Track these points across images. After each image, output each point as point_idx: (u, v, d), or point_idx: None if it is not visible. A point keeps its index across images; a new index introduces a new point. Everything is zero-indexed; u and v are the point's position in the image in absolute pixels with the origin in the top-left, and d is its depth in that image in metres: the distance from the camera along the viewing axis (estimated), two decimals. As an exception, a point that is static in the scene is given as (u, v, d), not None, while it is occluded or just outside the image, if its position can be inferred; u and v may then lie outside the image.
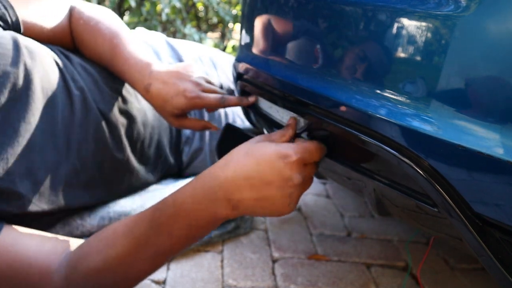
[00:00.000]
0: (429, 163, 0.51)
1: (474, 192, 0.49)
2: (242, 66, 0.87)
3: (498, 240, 0.49)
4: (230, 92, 1.37)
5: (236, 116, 1.28)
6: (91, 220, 0.93)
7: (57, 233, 0.90)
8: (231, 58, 1.45)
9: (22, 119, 0.79)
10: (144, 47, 0.97)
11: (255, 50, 0.82)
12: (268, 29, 0.77)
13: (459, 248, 0.67)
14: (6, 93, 0.78)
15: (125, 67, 0.92)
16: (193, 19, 3.07)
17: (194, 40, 2.62)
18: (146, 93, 0.89)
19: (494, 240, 0.50)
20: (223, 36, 3.02)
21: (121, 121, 0.98)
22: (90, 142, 0.91)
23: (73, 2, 0.99)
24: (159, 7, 2.58)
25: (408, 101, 0.52)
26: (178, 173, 1.21)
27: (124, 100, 1.00)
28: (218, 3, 2.76)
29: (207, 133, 1.21)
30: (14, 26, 0.85)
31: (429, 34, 0.49)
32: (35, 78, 0.83)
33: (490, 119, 0.45)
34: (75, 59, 0.94)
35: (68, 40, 0.98)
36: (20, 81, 0.81)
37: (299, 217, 1.17)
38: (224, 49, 3.02)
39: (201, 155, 1.20)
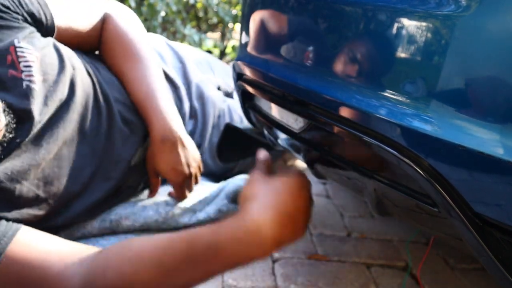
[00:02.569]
0: (429, 163, 0.51)
1: (474, 192, 0.49)
2: (242, 66, 0.87)
3: (498, 240, 0.49)
4: (227, 94, 1.39)
5: (234, 113, 1.28)
6: (92, 223, 0.93)
7: (58, 234, 0.90)
8: (225, 65, 1.49)
9: (62, 128, 0.81)
10: (164, 84, 0.99)
11: (255, 50, 0.82)
12: (268, 29, 0.77)
13: (459, 248, 0.67)
14: (57, 102, 0.81)
15: (149, 111, 0.93)
16: (193, 19, 3.07)
17: (194, 41, 2.62)
18: (159, 142, 0.91)
19: (494, 240, 0.50)
20: (223, 36, 3.01)
21: (140, 132, 1.00)
22: (113, 152, 0.92)
23: (106, 6, 1.00)
24: (157, 9, 2.58)
25: (408, 101, 0.52)
26: None
27: None
28: (217, 4, 2.75)
29: (208, 129, 1.21)
30: (49, 28, 0.86)
31: (429, 34, 0.49)
32: (77, 89, 0.85)
33: (490, 119, 0.45)
34: (102, 71, 0.95)
35: (94, 45, 0.99)
36: (66, 91, 0.83)
37: (299, 217, 1.17)
38: (224, 49, 3.02)
39: (199, 151, 1.21)
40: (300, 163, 1.53)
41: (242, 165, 1.26)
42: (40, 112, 0.78)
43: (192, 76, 1.23)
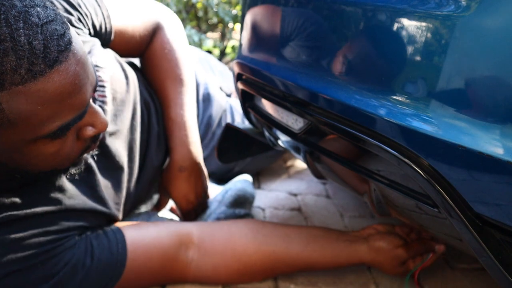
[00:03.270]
0: (429, 163, 0.51)
1: (474, 192, 0.49)
2: (242, 66, 0.87)
3: (498, 240, 0.49)
4: (227, 95, 1.39)
5: (236, 113, 1.28)
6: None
7: None
8: (223, 66, 1.50)
9: (125, 149, 0.85)
10: (196, 111, 1.04)
11: (255, 50, 0.82)
12: (268, 29, 0.77)
13: (459, 248, 0.67)
14: (124, 121, 0.84)
15: (177, 133, 0.95)
16: (193, 19, 3.07)
17: (194, 41, 2.62)
18: (176, 170, 0.94)
19: (494, 241, 0.50)
20: (223, 36, 3.01)
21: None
22: (155, 160, 0.96)
23: (157, 12, 0.99)
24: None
25: (408, 101, 0.52)
26: None
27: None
28: (217, 4, 2.75)
29: (212, 129, 1.22)
30: (107, 39, 0.87)
31: (429, 34, 0.49)
32: (137, 108, 0.88)
33: (490, 119, 0.45)
34: (145, 83, 0.97)
35: (139, 52, 0.99)
36: (131, 109, 0.86)
37: (299, 217, 1.17)
38: (224, 49, 3.01)
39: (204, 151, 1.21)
40: (300, 163, 1.53)
41: (242, 165, 1.26)
42: (110, 133, 0.81)
43: (198, 77, 1.23)
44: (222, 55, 3.02)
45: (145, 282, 0.79)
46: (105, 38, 0.86)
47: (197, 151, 0.97)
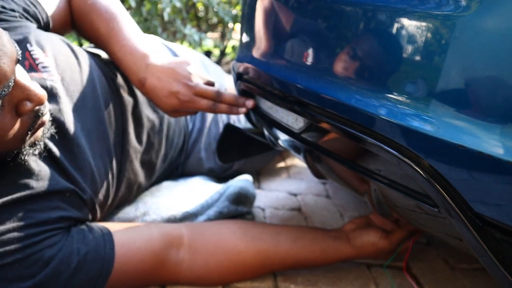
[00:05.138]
0: (429, 163, 0.51)
1: (474, 192, 0.49)
2: (242, 66, 0.87)
3: (498, 240, 0.49)
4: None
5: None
6: (130, 210, 0.97)
7: None
8: (218, 67, 1.50)
9: (96, 131, 0.83)
10: (141, 33, 0.94)
11: (255, 50, 0.82)
12: (268, 29, 0.77)
13: (459, 248, 0.67)
14: (84, 102, 0.81)
15: (120, 54, 0.89)
16: (193, 19, 3.07)
17: (194, 40, 2.62)
18: (141, 87, 0.87)
19: (494, 240, 0.50)
20: (223, 36, 3.01)
21: (151, 118, 1.00)
22: (124, 144, 0.93)
23: None
24: (160, 7, 2.58)
25: (408, 101, 0.52)
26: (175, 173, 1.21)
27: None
28: (218, 3, 2.75)
29: (206, 125, 1.22)
30: (45, 23, 0.86)
31: (429, 34, 0.49)
32: (97, 86, 0.86)
33: (490, 119, 0.45)
34: (105, 60, 0.95)
35: (68, 24, 0.94)
36: (88, 90, 0.84)
37: (299, 217, 1.17)
38: (224, 49, 3.01)
39: (195, 149, 1.21)
40: (300, 163, 1.53)
41: (239, 163, 1.26)
42: (68, 112, 0.79)
43: None
44: (222, 55, 3.02)
45: (135, 284, 0.78)
46: (42, 19, 0.85)
47: (144, 55, 0.87)
